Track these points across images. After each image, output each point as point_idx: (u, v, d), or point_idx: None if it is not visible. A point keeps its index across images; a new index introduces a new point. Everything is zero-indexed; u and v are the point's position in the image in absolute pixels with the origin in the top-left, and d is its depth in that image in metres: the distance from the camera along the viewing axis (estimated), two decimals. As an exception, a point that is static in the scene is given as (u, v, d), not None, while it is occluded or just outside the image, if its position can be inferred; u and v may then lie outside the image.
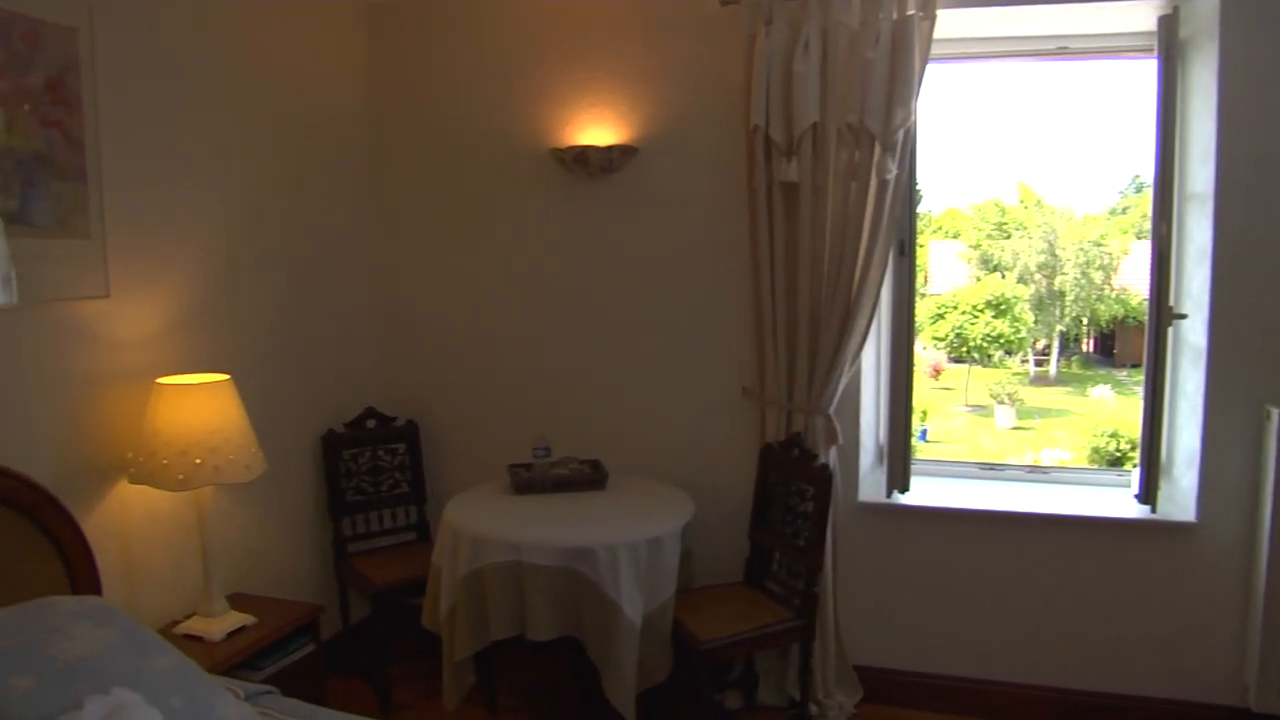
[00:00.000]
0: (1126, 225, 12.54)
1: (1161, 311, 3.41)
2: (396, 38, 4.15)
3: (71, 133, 2.81)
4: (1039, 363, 13.33)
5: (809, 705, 3.46)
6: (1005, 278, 12.47)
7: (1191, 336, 3.40)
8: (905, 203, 3.52)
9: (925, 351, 11.86)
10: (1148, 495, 3.46)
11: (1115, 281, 12.49)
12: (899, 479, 3.72)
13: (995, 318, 12.09)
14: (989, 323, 12.19)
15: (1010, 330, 12.21)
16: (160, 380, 2.99)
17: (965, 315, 11.88)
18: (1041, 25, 3.49)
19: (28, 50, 2.66)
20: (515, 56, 3.95)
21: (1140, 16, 3.35)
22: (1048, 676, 3.57)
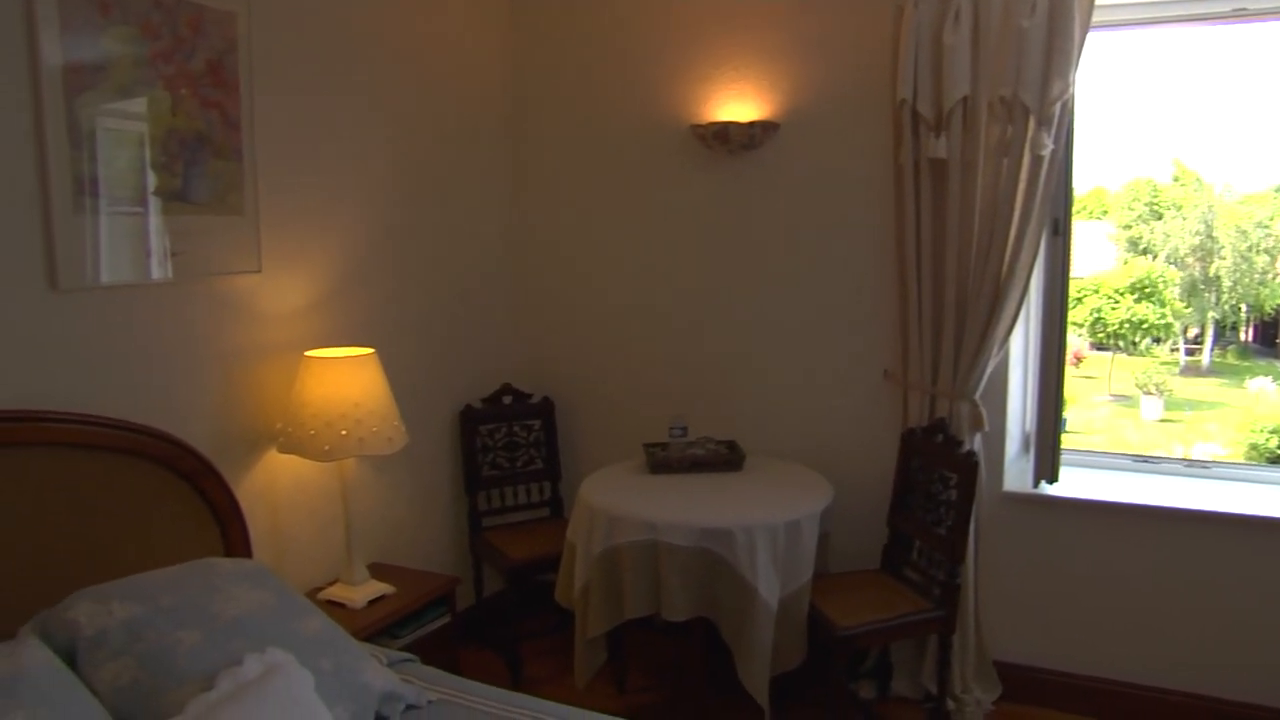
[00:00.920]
0: (1298, 205, 11.73)
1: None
2: (538, 14, 4.16)
3: (229, 113, 2.90)
4: (1190, 351, 12.62)
5: (946, 699, 3.35)
6: (1154, 261, 11.84)
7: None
8: (1060, 180, 3.35)
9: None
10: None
11: (1281, 266, 11.72)
12: (1047, 468, 3.56)
13: (1138, 302, 11.51)
14: (1130, 307, 11.59)
15: (1155, 315, 11.59)
16: (308, 353, 3.08)
17: (1107, 299, 11.34)
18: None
19: (191, 35, 2.76)
20: (656, 31, 3.91)
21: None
22: (1202, 685, 3.36)
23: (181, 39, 2.72)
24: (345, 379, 3.00)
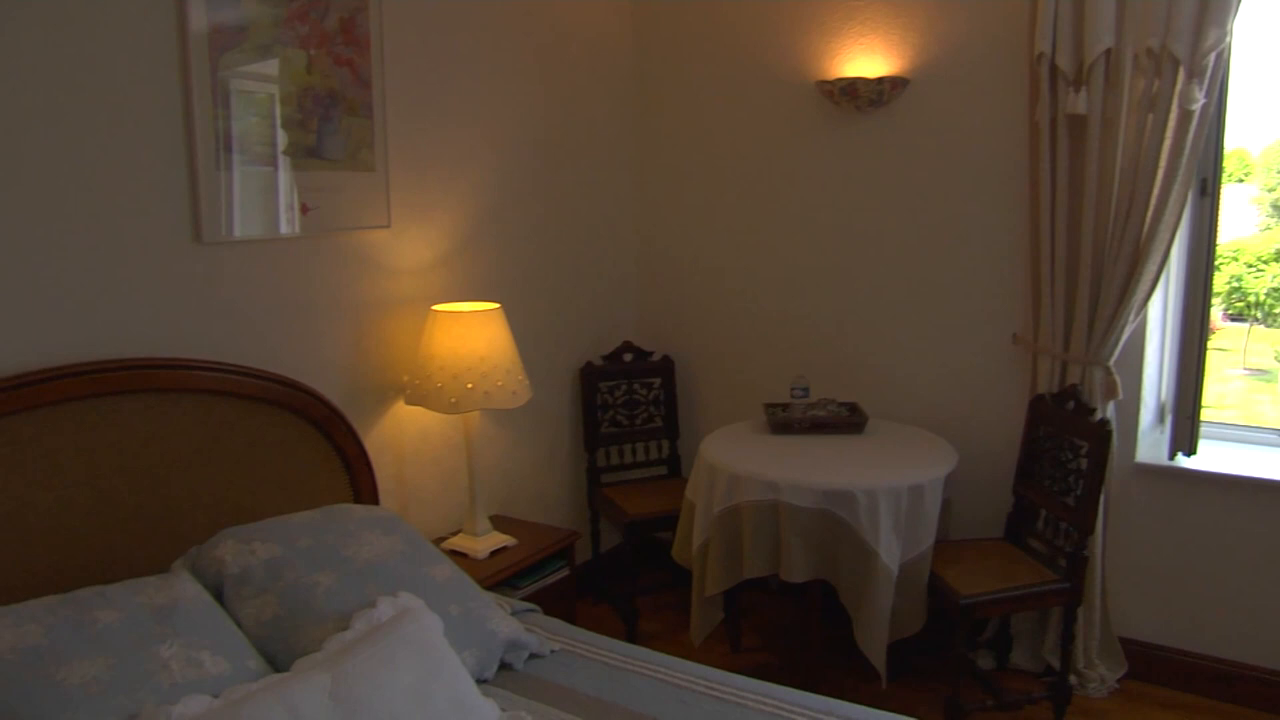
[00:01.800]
0: None
1: None
2: (661, -31, 4.12)
3: (360, 71, 2.96)
4: (1336, 324, 11.92)
5: (1069, 674, 3.26)
6: (1304, 226, 11.17)
7: None
8: (1211, 137, 3.18)
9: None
10: None
11: None
12: (1185, 440, 3.41)
13: (1287, 270, 10.89)
14: (1277, 275, 10.96)
15: (1306, 284, 10.96)
16: (435, 307, 3.13)
17: (1248, 267, 10.77)
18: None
19: (326, -6, 2.82)
20: (781, -17, 3.84)
21: None
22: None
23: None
24: (471, 333, 3.05)
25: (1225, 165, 3.33)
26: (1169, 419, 3.51)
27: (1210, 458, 3.41)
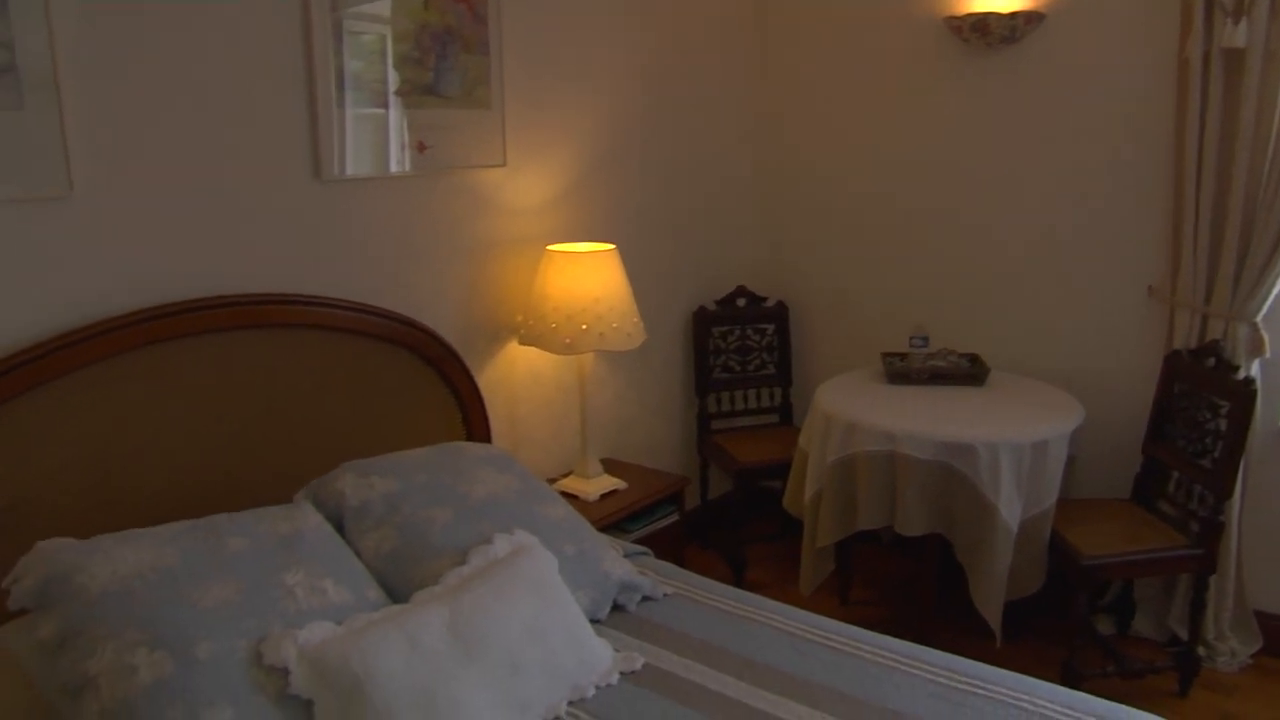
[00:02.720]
0: None
1: None
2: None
3: (477, 8, 2.94)
4: None
5: (1197, 645, 3.11)
6: None
7: None
8: (1390, 72, 2.92)
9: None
10: None
11: None
12: (1337, 403, 3.20)
13: None
14: None
15: None
16: (550, 247, 3.12)
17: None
18: None
19: (443, -72, 2.79)
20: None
21: None
22: None
23: (434, -67, 2.76)
24: (587, 274, 3.03)
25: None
26: (1319, 380, 3.29)
27: (1363, 422, 3.20)
